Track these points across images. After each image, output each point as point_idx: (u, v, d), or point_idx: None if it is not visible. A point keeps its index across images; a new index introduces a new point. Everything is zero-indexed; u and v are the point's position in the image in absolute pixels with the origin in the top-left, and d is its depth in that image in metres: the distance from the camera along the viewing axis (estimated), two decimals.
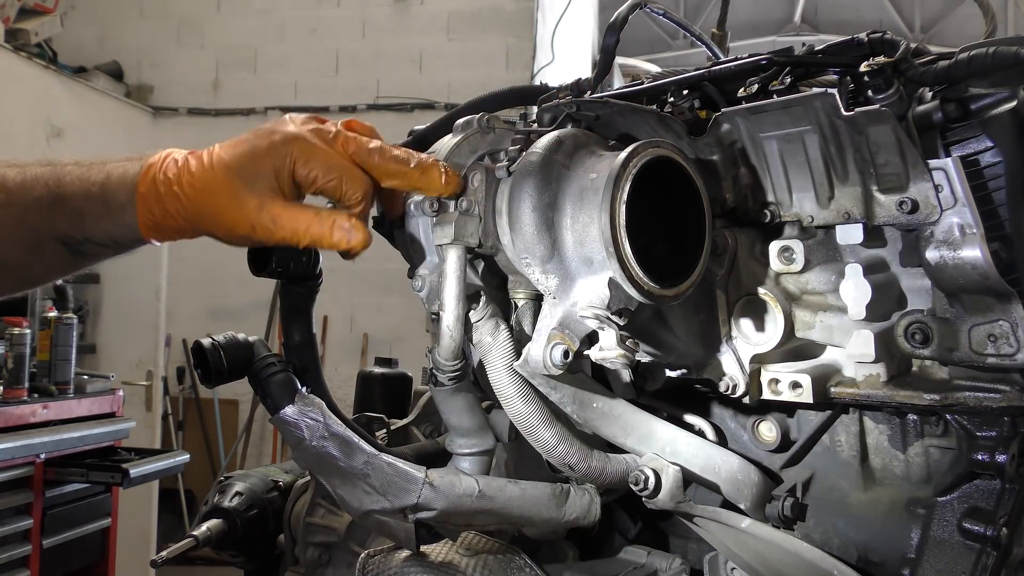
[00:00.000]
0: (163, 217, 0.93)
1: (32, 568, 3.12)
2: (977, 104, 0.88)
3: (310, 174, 0.90)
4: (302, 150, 0.90)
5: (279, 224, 0.89)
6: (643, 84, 1.10)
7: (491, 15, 6.59)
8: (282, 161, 0.89)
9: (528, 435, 0.98)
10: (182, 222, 0.93)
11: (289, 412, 0.94)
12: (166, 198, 0.92)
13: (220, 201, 0.90)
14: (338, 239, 0.90)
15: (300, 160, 0.89)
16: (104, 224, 0.95)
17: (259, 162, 0.90)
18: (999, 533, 0.88)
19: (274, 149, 0.90)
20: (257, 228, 0.90)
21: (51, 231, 0.96)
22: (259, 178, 0.90)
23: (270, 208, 0.89)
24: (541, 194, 0.90)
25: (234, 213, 0.90)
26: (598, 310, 0.87)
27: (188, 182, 0.91)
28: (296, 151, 0.90)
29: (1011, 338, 0.85)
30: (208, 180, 0.91)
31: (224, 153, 0.92)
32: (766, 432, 1.07)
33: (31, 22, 5.79)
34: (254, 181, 0.90)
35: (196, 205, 0.91)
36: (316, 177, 0.90)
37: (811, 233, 0.97)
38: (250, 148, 0.91)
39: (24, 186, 0.95)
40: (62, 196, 0.95)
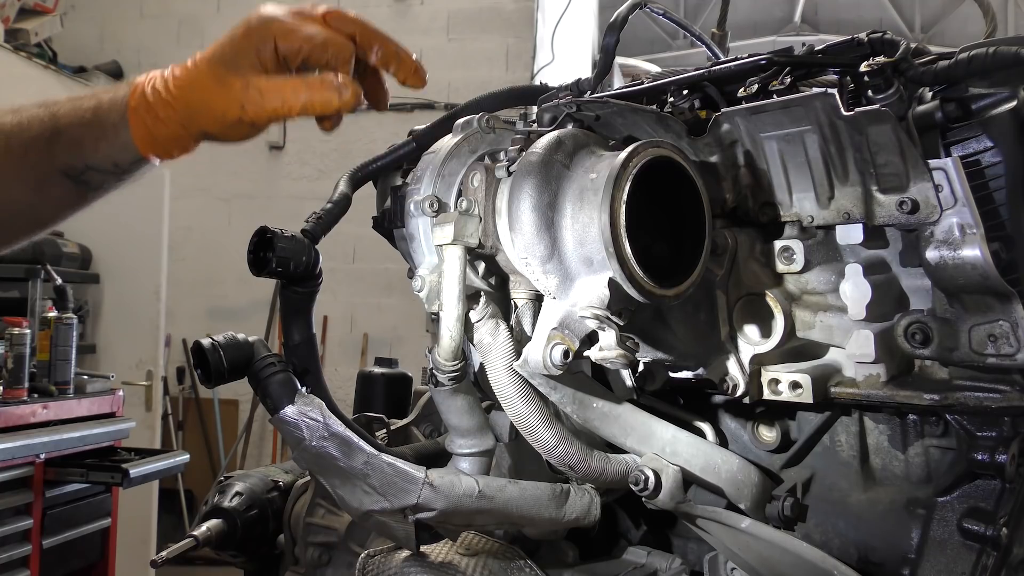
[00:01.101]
0: (155, 125, 0.94)
1: (32, 568, 3.12)
2: (977, 104, 0.88)
3: (291, 45, 0.90)
4: (281, 25, 0.91)
5: (267, 95, 0.90)
6: (643, 84, 1.10)
7: (491, 15, 6.58)
8: (261, 38, 0.90)
9: (528, 435, 0.98)
10: (175, 127, 0.94)
11: (289, 412, 0.94)
12: (156, 105, 0.93)
13: (207, 90, 0.91)
14: (329, 95, 0.90)
15: (280, 35, 0.90)
16: (102, 147, 0.97)
17: (238, 44, 0.91)
18: (999, 533, 0.88)
19: (251, 30, 0.91)
20: (247, 105, 0.90)
21: (52, 164, 0.98)
22: (241, 58, 0.90)
23: (255, 83, 0.90)
24: (541, 194, 0.90)
25: (222, 98, 0.91)
26: (598, 310, 0.87)
27: (174, 84, 0.93)
28: (275, 27, 0.91)
29: (1011, 338, 0.85)
30: (192, 76, 0.92)
31: (206, 52, 0.93)
32: (766, 432, 1.07)
33: (31, 22, 5.79)
34: (236, 63, 0.91)
35: (185, 103, 0.92)
36: (300, 47, 0.90)
37: (811, 233, 0.97)
38: (228, 37, 0.93)
39: (21, 127, 0.97)
40: (58, 128, 0.96)
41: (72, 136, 0.97)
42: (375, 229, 1.18)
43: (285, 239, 0.97)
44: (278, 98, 0.90)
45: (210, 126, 0.93)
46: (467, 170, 1.00)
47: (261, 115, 0.91)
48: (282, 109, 0.90)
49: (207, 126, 0.93)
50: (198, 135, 0.95)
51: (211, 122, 0.93)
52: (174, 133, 0.94)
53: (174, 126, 0.94)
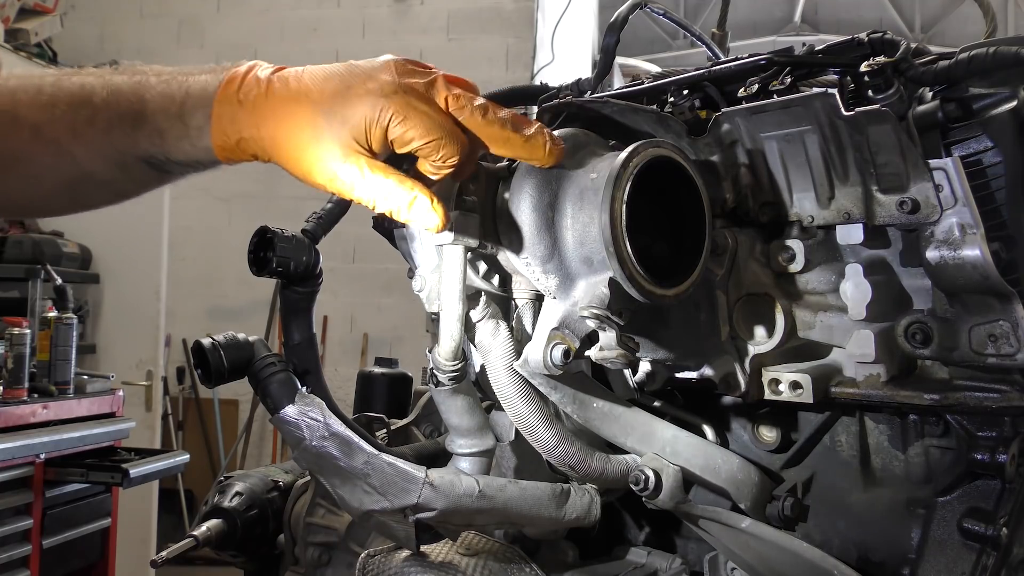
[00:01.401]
0: (237, 142, 0.87)
1: (32, 568, 3.12)
2: (977, 104, 0.88)
3: (407, 133, 0.81)
4: (401, 106, 0.81)
5: (360, 183, 0.82)
6: (643, 84, 1.10)
7: (491, 15, 6.58)
8: (376, 114, 0.81)
9: (528, 435, 0.98)
10: (257, 151, 0.87)
11: (289, 412, 0.94)
12: (242, 123, 0.85)
13: (300, 138, 0.83)
14: (414, 218, 0.84)
15: (397, 117, 0.81)
16: (183, 145, 0.91)
17: (351, 107, 0.82)
18: (999, 533, 0.88)
19: (371, 98, 0.81)
20: (337, 180, 0.83)
21: (135, 151, 0.92)
22: (347, 126, 0.82)
23: (354, 162, 0.82)
24: (541, 194, 0.90)
25: (314, 158, 0.83)
26: (598, 310, 0.87)
27: (268, 108, 0.84)
28: (396, 106, 0.81)
29: (1011, 338, 0.85)
30: (290, 111, 0.83)
31: (313, 84, 0.84)
32: (766, 432, 1.07)
33: (31, 22, 5.79)
34: (342, 127, 0.82)
35: (273, 137, 0.84)
36: (412, 138, 0.82)
37: (811, 233, 0.97)
38: (344, 88, 0.83)
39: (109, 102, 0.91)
40: (144, 114, 0.90)
41: (157, 126, 0.90)
42: (375, 229, 1.18)
43: (285, 239, 0.97)
44: (370, 192, 0.83)
45: (289, 168, 0.86)
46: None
47: (342, 195, 0.85)
48: (365, 202, 0.85)
49: (284, 165, 0.86)
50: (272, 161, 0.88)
51: (290, 167, 0.86)
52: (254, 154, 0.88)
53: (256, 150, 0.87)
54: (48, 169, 0.95)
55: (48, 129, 0.92)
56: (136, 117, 0.90)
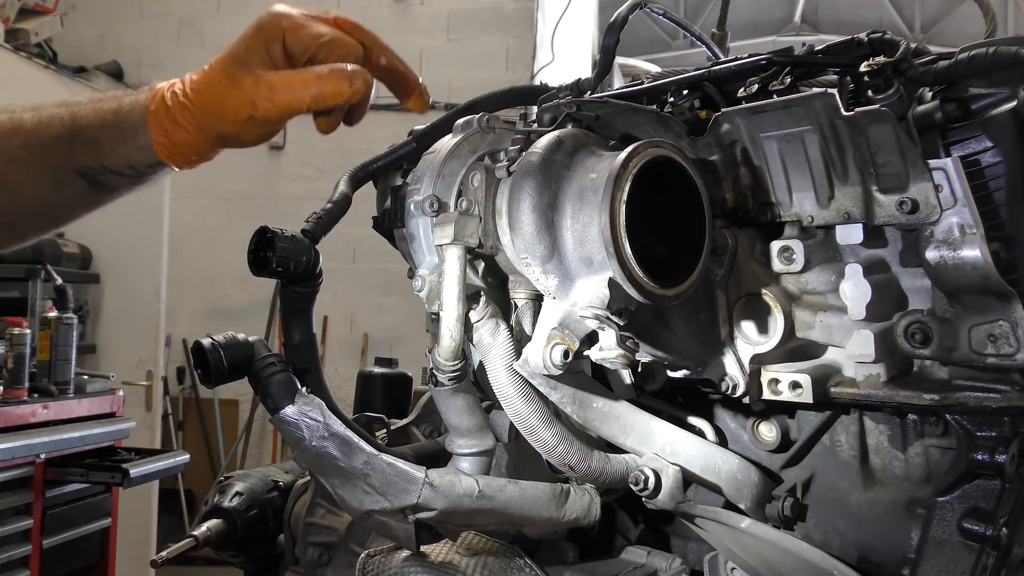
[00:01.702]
0: (173, 129, 0.95)
1: (32, 568, 3.12)
2: (977, 104, 0.88)
3: (300, 40, 0.91)
4: (290, 21, 0.92)
5: (277, 90, 0.90)
6: (643, 84, 1.10)
7: (491, 15, 6.58)
8: (271, 35, 0.91)
9: (528, 435, 0.98)
10: (192, 131, 0.95)
11: (289, 412, 0.94)
12: (174, 109, 0.94)
13: (220, 91, 0.92)
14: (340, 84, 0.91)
15: (289, 31, 0.91)
16: (120, 149, 0.98)
17: (248, 42, 0.92)
18: (999, 533, 0.88)
19: (261, 26, 0.92)
20: (257, 102, 0.91)
21: (69, 164, 0.99)
22: (251, 55, 0.91)
23: (265, 78, 0.91)
24: (541, 194, 0.90)
25: (234, 96, 0.91)
26: (598, 310, 0.87)
27: (191, 87, 0.94)
28: (285, 23, 0.92)
29: (1011, 338, 0.85)
30: (207, 78, 0.94)
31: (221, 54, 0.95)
32: (766, 432, 1.07)
33: (31, 22, 5.79)
34: (247, 60, 0.91)
35: (201, 106, 0.93)
36: (308, 44, 0.91)
37: (811, 233, 0.97)
38: (240, 36, 0.94)
39: (41, 125, 0.99)
40: (78, 128, 0.98)
41: (91, 136, 0.98)
42: (375, 229, 1.18)
43: (285, 239, 0.97)
44: (288, 91, 0.91)
45: (224, 127, 0.94)
46: (467, 170, 1.00)
47: (272, 111, 0.91)
48: (294, 102, 0.91)
49: (222, 127, 0.94)
50: (214, 138, 0.96)
51: (225, 123, 0.93)
52: (191, 137, 0.95)
53: (191, 130, 0.95)
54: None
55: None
56: (71, 133, 0.98)
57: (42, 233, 1.10)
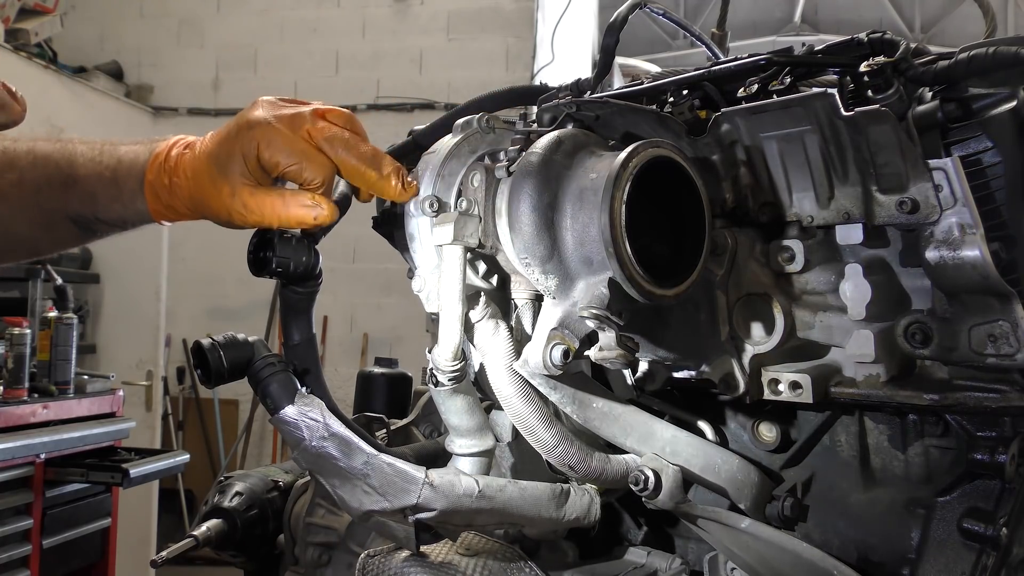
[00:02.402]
0: (168, 204, 1.00)
1: (32, 568, 3.12)
2: (977, 104, 0.88)
3: (272, 158, 0.93)
4: (264, 134, 0.93)
5: (249, 209, 0.95)
6: (643, 84, 1.10)
7: (491, 15, 6.59)
8: (247, 146, 0.93)
9: (528, 435, 0.98)
10: (185, 210, 1.00)
11: (289, 412, 0.94)
12: (169, 188, 0.99)
13: (205, 190, 0.96)
14: (303, 215, 0.94)
15: (263, 144, 0.93)
16: (115, 207, 1.02)
17: (229, 148, 0.95)
18: (999, 533, 0.88)
19: (241, 135, 0.94)
20: (232, 214, 0.95)
21: (63, 210, 1.02)
22: (230, 163, 0.94)
23: (240, 194, 0.94)
24: (541, 194, 0.90)
25: (215, 200, 0.96)
26: (598, 310, 0.87)
27: (183, 172, 0.98)
28: (259, 135, 0.93)
29: (1011, 338, 0.85)
30: (196, 169, 0.97)
31: (210, 142, 0.98)
32: (766, 432, 1.07)
33: (31, 22, 5.79)
34: (226, 167, 0.94)
35: (190, 194, 0.98)
36: (278, 162, 0.93)
37: (811, 233, 0.97)
38: (224, 135, 0.96)
39: (36, 165, 1.01)
40: (75, 177, 1.00)
41: (88, 189, 1.01)
42: (375, 229, 1.18)
43: (285, 239, 0.97)
44: (258, 213, 0.95)
45: (213, 218, 0.99)
46: (467, 170, 1.00)
47: (245, 224, 0.96)
48: (263, 222, 0.95)
49: (210, 217, 0.99)
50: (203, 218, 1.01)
51: (212, 216, 0.98)
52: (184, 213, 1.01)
53: (184, 209, 1.00)
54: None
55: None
56: (66, 180, 1.00)
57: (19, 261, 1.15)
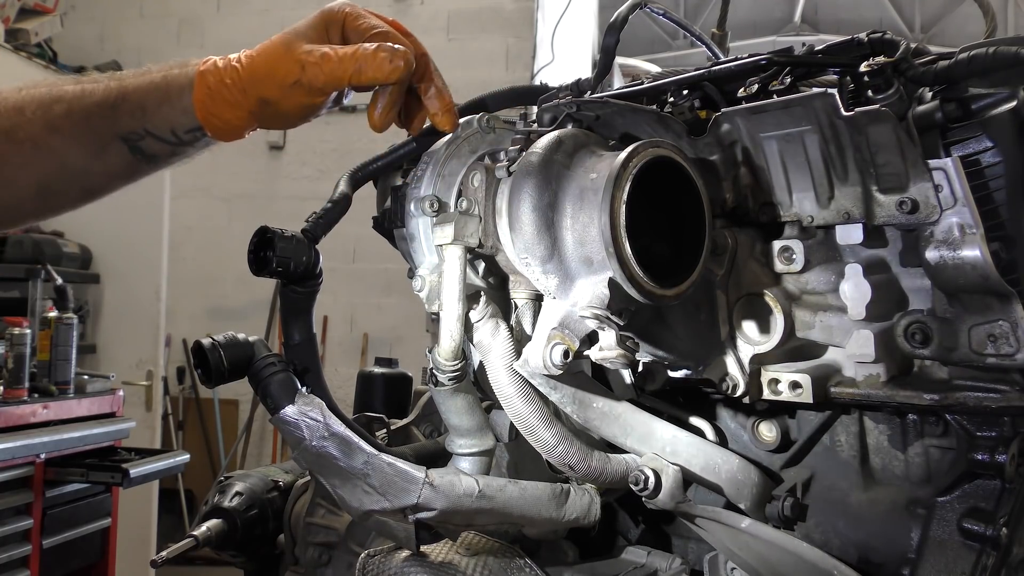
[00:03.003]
0: (217, 87, 0.98)
1: (32, 568, 3.12)
2: (977, 104, 0.88)
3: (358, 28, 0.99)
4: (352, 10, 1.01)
5: (327, 57, 0.95)
6: (643, 84, 1.10)
7: (491, 15, 6.58)
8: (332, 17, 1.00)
9: (528, 435, 0.98)
10: (235, 91, 0.98)
11: (289, 412, 0.94)
12: (223, 70, 0.98)
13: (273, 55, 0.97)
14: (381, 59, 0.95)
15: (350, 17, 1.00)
16: (164, 110, 1.01)
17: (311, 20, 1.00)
18: (999, 533, 0.88)
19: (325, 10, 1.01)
20: (306, 66, 0.95)
21: (114, 129, 1.01)
22: (310, 31, 0.99)
23: (318, 48, 0.96)
24: (541, 194, 0.90)
25: (285, 60, 0.96)
26: (598, 310, 0.87)
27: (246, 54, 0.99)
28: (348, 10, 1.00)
29: (1011, 338, 0.85)
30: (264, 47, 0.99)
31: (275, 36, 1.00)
32: (766, 432, 1.07)
33: (31, 22, 5.79)
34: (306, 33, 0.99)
35: (251, 69, 0.98)
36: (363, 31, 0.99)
37: (811, 233, 0.97)
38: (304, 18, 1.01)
39: (84, 93, 1.01)
40: (124, 93, 1.01)
41: (136, 100, 1.01)
42: (375, 229, 1.18)
43: (285, 239, 0.97)
44: (336, 60, 0.95)
45: (269, 90, 0.97)
46: (467, 170, 1.00)
47: (319, 77, 0.96)
48: (338, 70, 0.95)
49: (266, 91, 0.97)
50: (256, 104, 0.98)
51: (271, 86, 0.97)
52: (233, 97, 0.98)
53: (235, 91, 0.98)
54: (21, 168, 1.02)
55: (20, 131, 1.00)
56: (116, 98, 1.00)
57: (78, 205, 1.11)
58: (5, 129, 1.00)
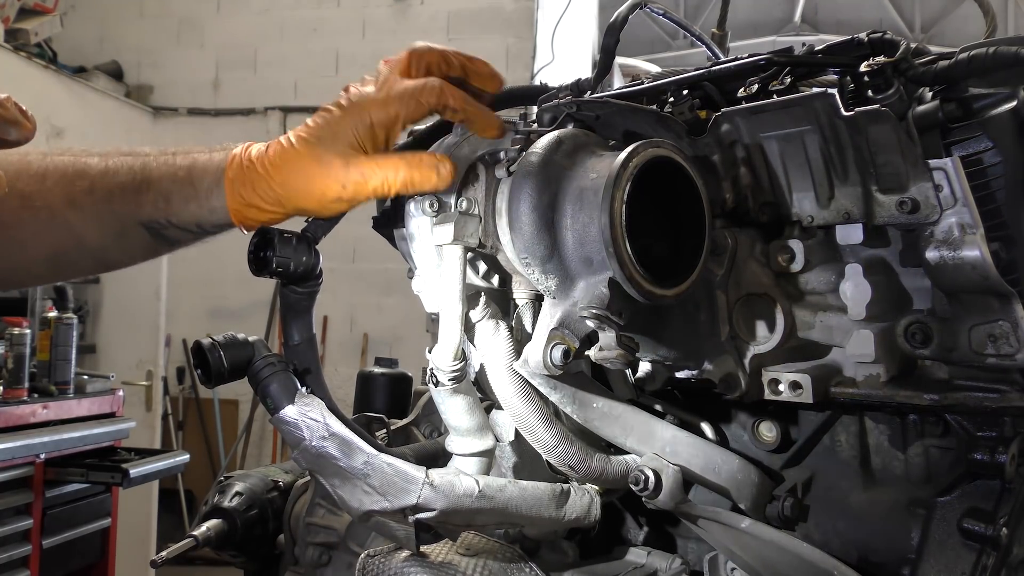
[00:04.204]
0: (252, 198, 0.95)
1: (32, 568, 3.12)
2: (977, 104, 0.88)
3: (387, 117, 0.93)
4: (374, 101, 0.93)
5: (368, 175, 0.92)
6: (643, 84, 1.10)
7: (491, 15, 6.59)
8: (358, 118, 0.93)
9: (528, 435, 0.98)
10: (271, 205, 0.95)
11: (289, 412, 0.94)
12: (255, 180, 0.95)
13: (306, 170, 0.93)
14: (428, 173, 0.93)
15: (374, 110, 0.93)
16: (191, 207, 0.98)
17: (335, 126, 0.93)
18: (999, 533, 0.88)
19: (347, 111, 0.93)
20: (348, 185, 0.92)
21: (136, 215, 0.99)
22: (339, 139, 0.93)
23: (356, 163, 0.92)
24: (541, 194, 0.90)
25: (322, 178, 0.92)
26: (598, 310, 0.87)
27: (273, 162, 0.94)
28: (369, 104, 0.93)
29: (1011, 338, 0.85)
30: (290, 156, 0.94)
31: (300, 131, 0.95)
32: (766, 432, 1.07)
33: (31, 22, 5.79)
34: (335, 143, 0.93)
35: (283, 182, 0.94)
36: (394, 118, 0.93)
37: (811, 233, 0.97)
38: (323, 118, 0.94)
39: (108, 172, 0.98)
40: (148, 180, 0.98)
41: (161, 190, 0.98)
42: (375, 229, 1.18)
43: (285, 239, 0.97)
44: (379, 178, 0.92)
45: (308, 204, 0.95)
46: (467, 170, 1.00)
47: (362, 193, 0.93)
48: (382, 188, 0.93)
49: (305, 204, 0.95)
50: (293, 212, 0.97)
51: (310, 201, 0.94)
52: (269, 211, 0.96)
53: (270, 203, 0.95)
54: (35, 235, 1.00)
55: (39, 198, 0.97)
56: (140, 184, 0.98)
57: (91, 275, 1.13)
58: (25, 194, 0.97)
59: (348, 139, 0.92)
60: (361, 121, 0.92)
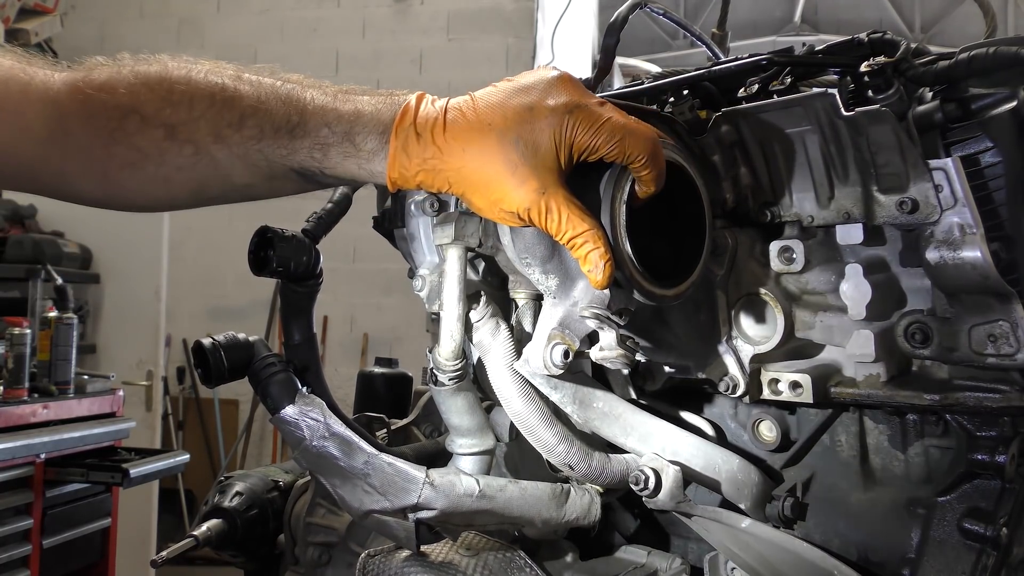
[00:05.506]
0: (416, 174, 0.84)
1: (32, 568, 3.12)
2: (977, 104, 0.88)
3: (594, 143, 0.81)
4: (586, 117, 0.81)
5: (554, 219, 0.81)
6: (643, 84, 1.10)
7: (491, 15, 6.59)
8: (563, 132, 0.81)
9: (528, 435, 0.98)
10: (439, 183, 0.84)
11: (289, 412, 0.94)
12: (423, 156, 0.82)
13: (492, 170, 0.81)
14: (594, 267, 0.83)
15: (582, 128, 0.81)
16: (348, 164, 0.87)
17: (539, 132, 0.81)
18: (999, 533, 0.88)
19: (556, 118, 0.81)
20: (532, 212, 0.81)
21: (288, 161, 0.88)
22: (539, 153, 0.81)
23: (554, 196, 0.81)
24: None
25: (509, 189, 0.81)
26: (598, 310, 0.87)
27: (451, 140, 0.82)
28: (581, 118, 0.81)
29: (1011, 338, 0.85)
30: (476, 142, 0.81)
31: (492, 112, 0.82)
32: (766, 432, 1.07)
33: (31, 22, 5.80)
34: (534, 155, 0.81)
35: (459, 170, 0.82)
36: (599, 145, 0.81)
37: (811, 233, 0.97)
38: (527, 111, 0.82)
39: (260, 107, 0.86)
40: (304, 123, 0.86)
41: (319, 140, 0.86)
42: (375, 229, 1.18)
43: (285, 239, 0.97)
44: (560, 228, 0.82)
45: (478, 201, 0.84)
46: None
47: (538, 223, 0.83)
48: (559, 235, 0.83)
49: (474, 199, 0.84)
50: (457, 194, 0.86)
51: (482, 200, 0.83)
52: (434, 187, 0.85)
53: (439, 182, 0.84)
54: (179, 170, 0.89)
55: (184, 130, 0.86)
56: (294, 128, 0.86)
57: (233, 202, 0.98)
58: (170, 124, 0.86)
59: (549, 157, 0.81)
60: (565, 140, 0.81)
